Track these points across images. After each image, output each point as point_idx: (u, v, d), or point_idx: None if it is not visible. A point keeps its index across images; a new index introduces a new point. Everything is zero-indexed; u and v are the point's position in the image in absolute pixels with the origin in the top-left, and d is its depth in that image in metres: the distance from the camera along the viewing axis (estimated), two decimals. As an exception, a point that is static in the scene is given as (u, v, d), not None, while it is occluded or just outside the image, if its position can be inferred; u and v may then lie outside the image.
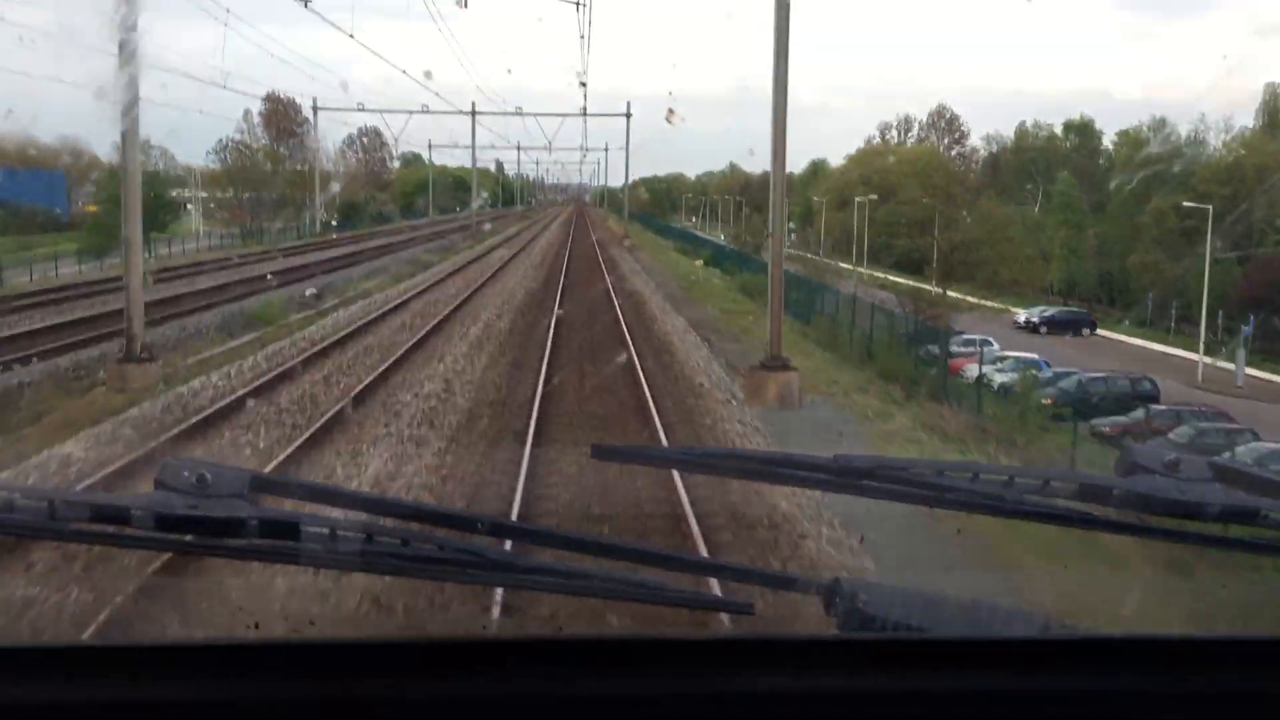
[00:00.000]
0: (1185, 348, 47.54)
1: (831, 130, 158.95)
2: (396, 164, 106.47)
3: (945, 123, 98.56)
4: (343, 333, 20.15)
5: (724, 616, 2.47)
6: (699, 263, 50.21)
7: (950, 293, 55.97)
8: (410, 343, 18.98)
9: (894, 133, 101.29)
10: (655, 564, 1.56)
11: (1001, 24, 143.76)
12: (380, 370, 16.00)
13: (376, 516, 1.53)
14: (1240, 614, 5.80)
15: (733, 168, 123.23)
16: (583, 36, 43.08)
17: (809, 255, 74.94)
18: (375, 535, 1.44)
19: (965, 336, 33.60)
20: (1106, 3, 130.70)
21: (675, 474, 9.32)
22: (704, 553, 8.00)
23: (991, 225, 39.34)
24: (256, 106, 75.17)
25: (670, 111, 50.28)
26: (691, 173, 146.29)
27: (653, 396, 14.63)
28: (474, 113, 64.51)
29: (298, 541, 1.41)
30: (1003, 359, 33.64)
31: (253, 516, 1.39)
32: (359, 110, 61.69)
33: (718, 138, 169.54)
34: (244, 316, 23.12)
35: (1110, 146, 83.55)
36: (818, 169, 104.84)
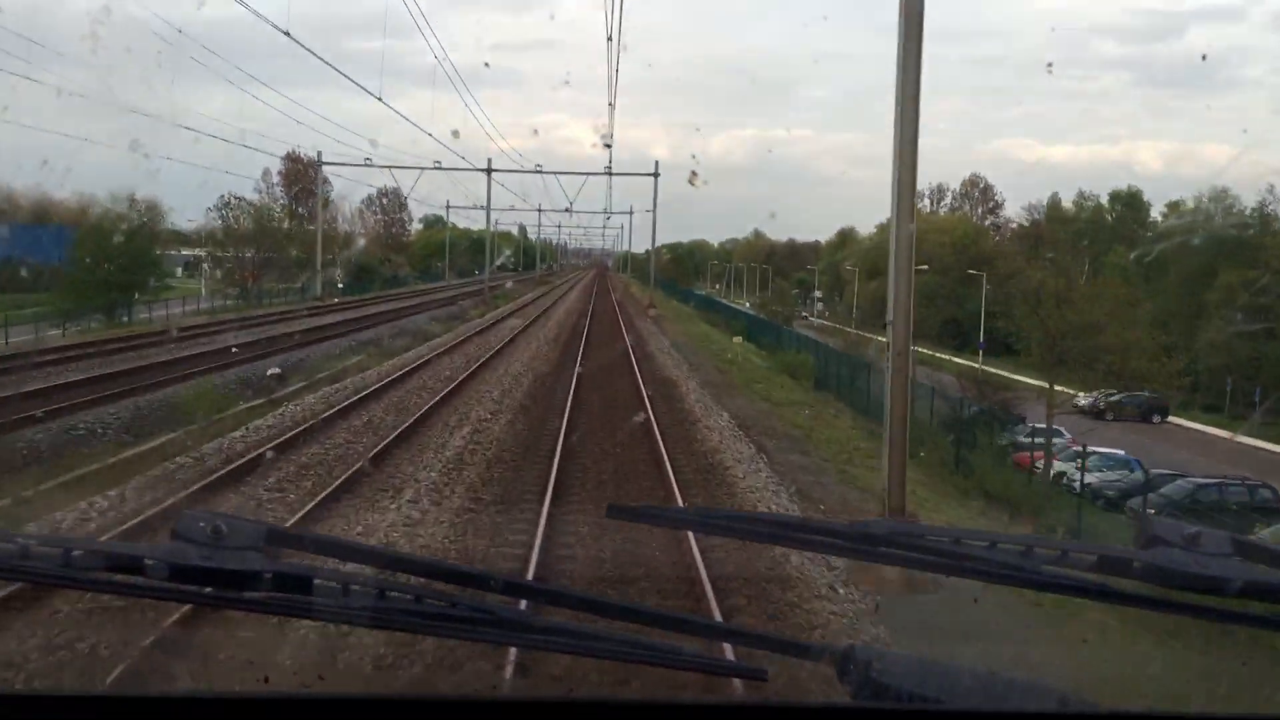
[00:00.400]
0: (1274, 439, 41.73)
1: (853, 198, 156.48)
2: (419, 225, 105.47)
3: (979, 192, 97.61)
4: (281, 438, 14.85)
5: (736, 682, 2.43)
6: (738, 339, 43.97)
7: (984, 367, 51.68)
8: (366, 457, 13.60)
9: (926, 201, 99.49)
10: (668, 627, 1.56)
11: (1022, 97, 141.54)
12: (308, 509, 10.80)
13: (390, 572, 1.54)
14: (1261, 691, 5.55)
15: (757, 234, 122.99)
16: (612, 51, 41.28)
17: (842, 327, 72.09)
18: (388, 591, 1.44)
19: (1033, 425, 29.68)
20: (1127, 78, 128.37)
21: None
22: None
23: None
24: (277, 165, 75.08)
25: (693, 174, 47.48)
26: (712, 239, 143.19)
27: (713, 585, 8.90)
28: (489, 170, 58.84)
29: (311, 595, 1.42)
30: (1084, 454, 28.87)
31: (267, 569, 1.41)
32: (366, 165, 56.17)
33: (738, 204, 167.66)
34: (169, 407, 17.79)
35: (1159, 218, 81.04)
36: (846, 238, 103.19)
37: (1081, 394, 46.79)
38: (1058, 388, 38.01)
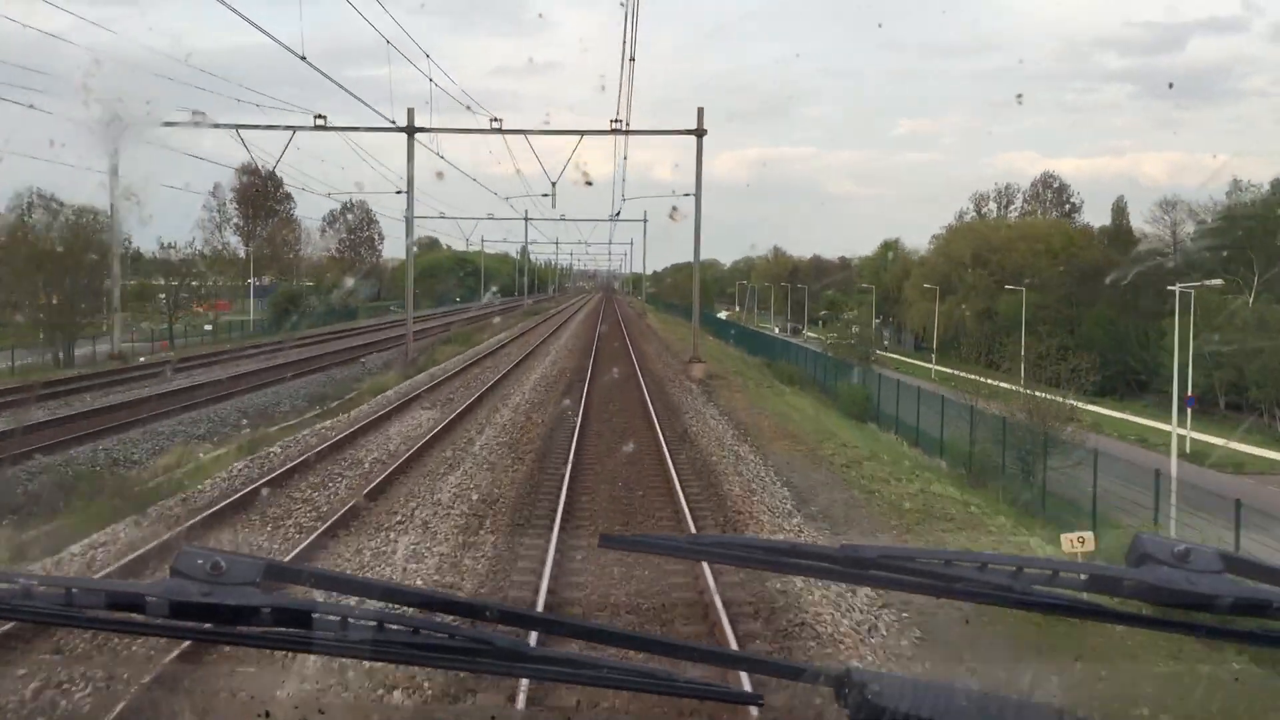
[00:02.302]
0: None
1: (861, 215, 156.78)
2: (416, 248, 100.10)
3: (1053, 193, 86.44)
4: None
5: (734, 707, 2.56)
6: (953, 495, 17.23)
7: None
8: None
9: (991, 205, 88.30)
10: (666, 653, 1.56)
11: (1025, 110, 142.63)
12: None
13: (389, 605, 1.55)
14: (1254, 706, 5.49)
15: (777, 251, 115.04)
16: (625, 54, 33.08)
17: (909, 360, 58.07)
18: (386, 623, 1.46)
19: None
20: (1131, 90, 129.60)
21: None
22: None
23: None
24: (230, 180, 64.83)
25: (674, 209, 37.75)
26: (714, 259, 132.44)
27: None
28: (411, 129, 33.69)
29: (310, 629, 1.44)
30: None
31: (266, 604, 1.43)
32: (195, 125, 31.97)
33: (741, 223, 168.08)
34: None
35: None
36: (891, 250, 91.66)
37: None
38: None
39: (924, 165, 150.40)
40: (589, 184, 39.45)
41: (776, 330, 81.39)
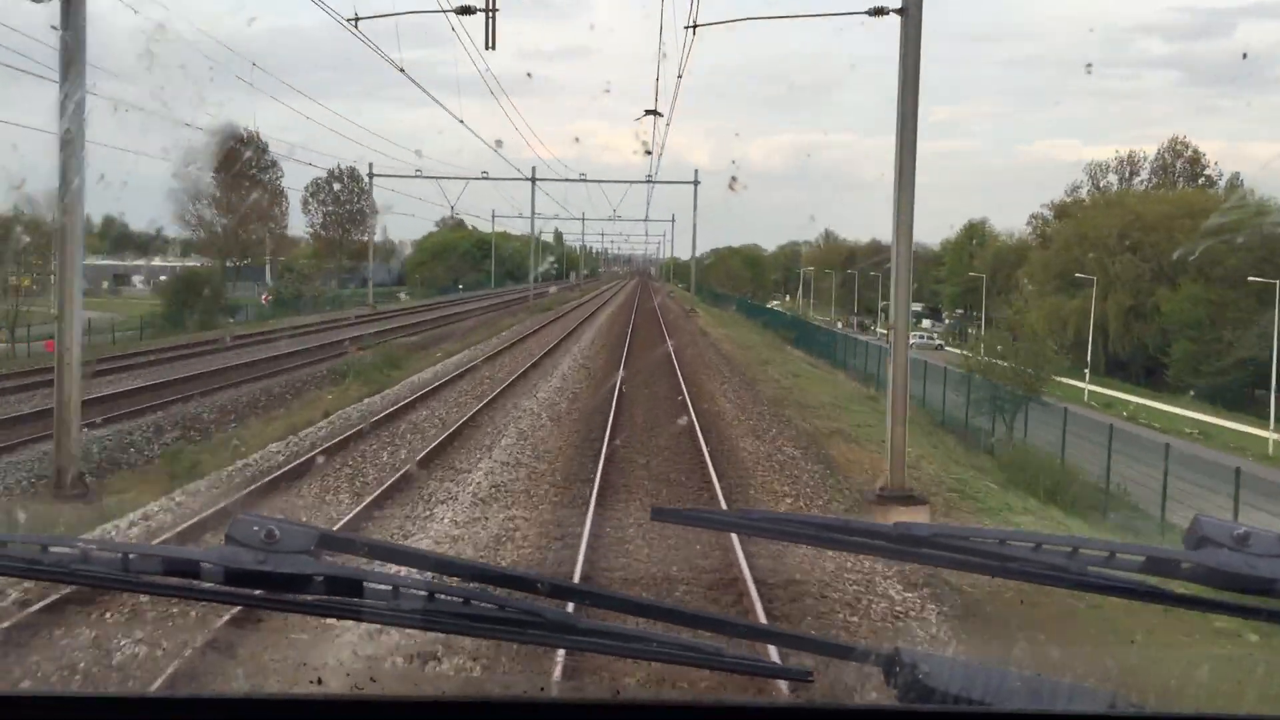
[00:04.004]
0: None
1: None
2: (433, 226, 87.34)
3: (1184, 163, 73.20)
4: None
5: (781, 684, 2.46)
6: None
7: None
8: None
9: (1111, 177, 75.30)
10: (713, 628, 1.59)
11: (1063, 98, 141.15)
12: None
13: (439, 575, 1.57)
14: None
15: (829, 236, 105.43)
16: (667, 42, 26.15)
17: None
18: (437, 594, 1.48)
19: None
20: (1173, 77, 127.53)
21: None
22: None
23: None
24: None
25: (733, 180, 32.14)
26: (751, 246, 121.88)
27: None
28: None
29: (361, 598, 1.46)
30: None
31: (319, 573, 1.45)
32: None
33: (779, 209, 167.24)
34: None
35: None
36: (976, 233, 79.89)
37: None
38: None
39: (961, 152, 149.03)
40: (648, 153, 31.09)
41: (840, 325, 68.29)
